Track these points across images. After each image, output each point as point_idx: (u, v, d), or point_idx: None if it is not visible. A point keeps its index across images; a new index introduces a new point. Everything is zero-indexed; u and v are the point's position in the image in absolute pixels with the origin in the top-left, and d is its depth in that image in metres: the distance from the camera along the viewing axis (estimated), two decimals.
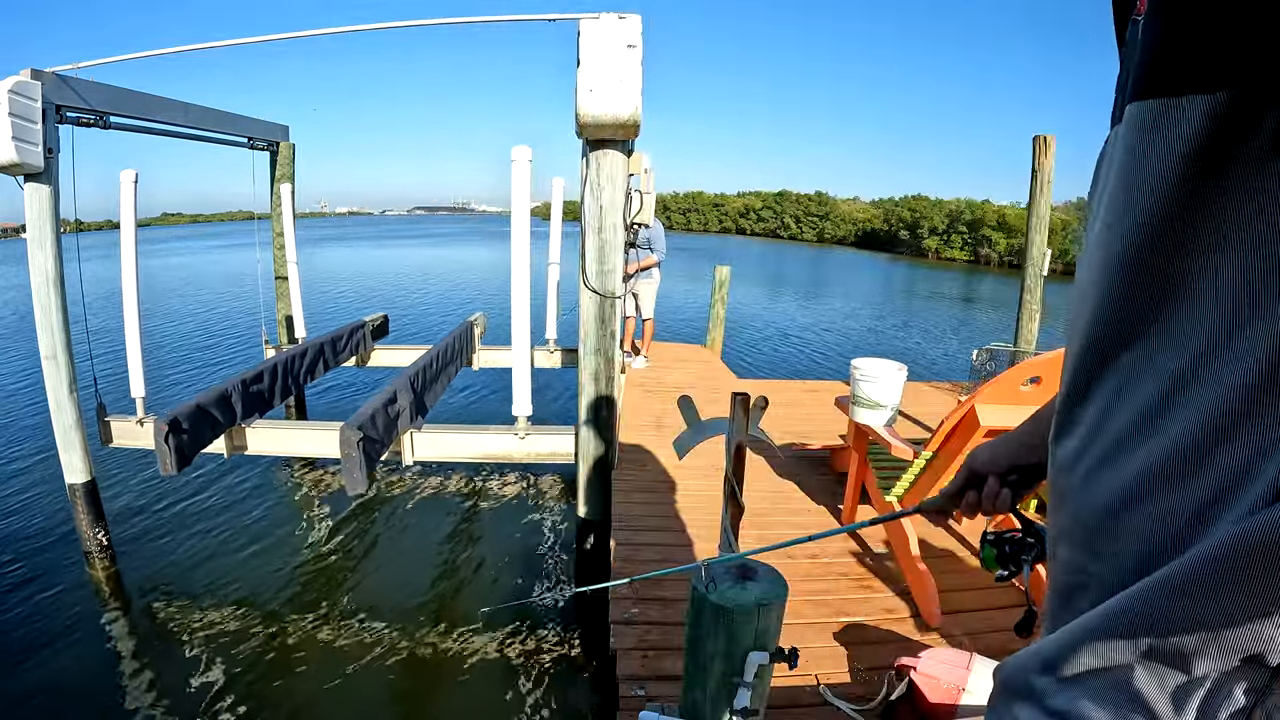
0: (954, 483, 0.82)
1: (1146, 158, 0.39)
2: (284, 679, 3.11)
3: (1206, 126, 0.35)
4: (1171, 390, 0.40)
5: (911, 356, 10.91)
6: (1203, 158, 0.36)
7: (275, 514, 4.77)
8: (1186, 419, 0.39)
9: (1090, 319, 0.45)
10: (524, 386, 3.71)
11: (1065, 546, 0.51)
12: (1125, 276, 0.42)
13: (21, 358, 9.36)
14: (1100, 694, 0.44)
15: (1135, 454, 0.42)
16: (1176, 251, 0.39)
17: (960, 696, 1.73)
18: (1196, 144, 0.36)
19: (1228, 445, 0.37)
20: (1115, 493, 0.44)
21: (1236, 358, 0.36)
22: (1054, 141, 5.10)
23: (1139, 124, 0.40)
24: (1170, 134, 0.37)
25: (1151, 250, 0.40)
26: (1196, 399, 0.38)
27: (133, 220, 3.86)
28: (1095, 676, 0.44)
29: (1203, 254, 0.37)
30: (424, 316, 13.55)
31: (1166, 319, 0.40)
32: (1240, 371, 0.36)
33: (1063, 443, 0.51)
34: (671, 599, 2.46)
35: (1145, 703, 0.41)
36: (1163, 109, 0.38)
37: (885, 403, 2.67)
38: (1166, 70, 0.38)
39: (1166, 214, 0.38)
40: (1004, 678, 0.54)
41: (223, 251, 33.88)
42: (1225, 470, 0.37)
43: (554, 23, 2.99)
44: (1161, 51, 0.38)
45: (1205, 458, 0.38)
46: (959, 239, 43.28)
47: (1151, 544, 0.41)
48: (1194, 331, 0.38)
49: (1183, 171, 0.37)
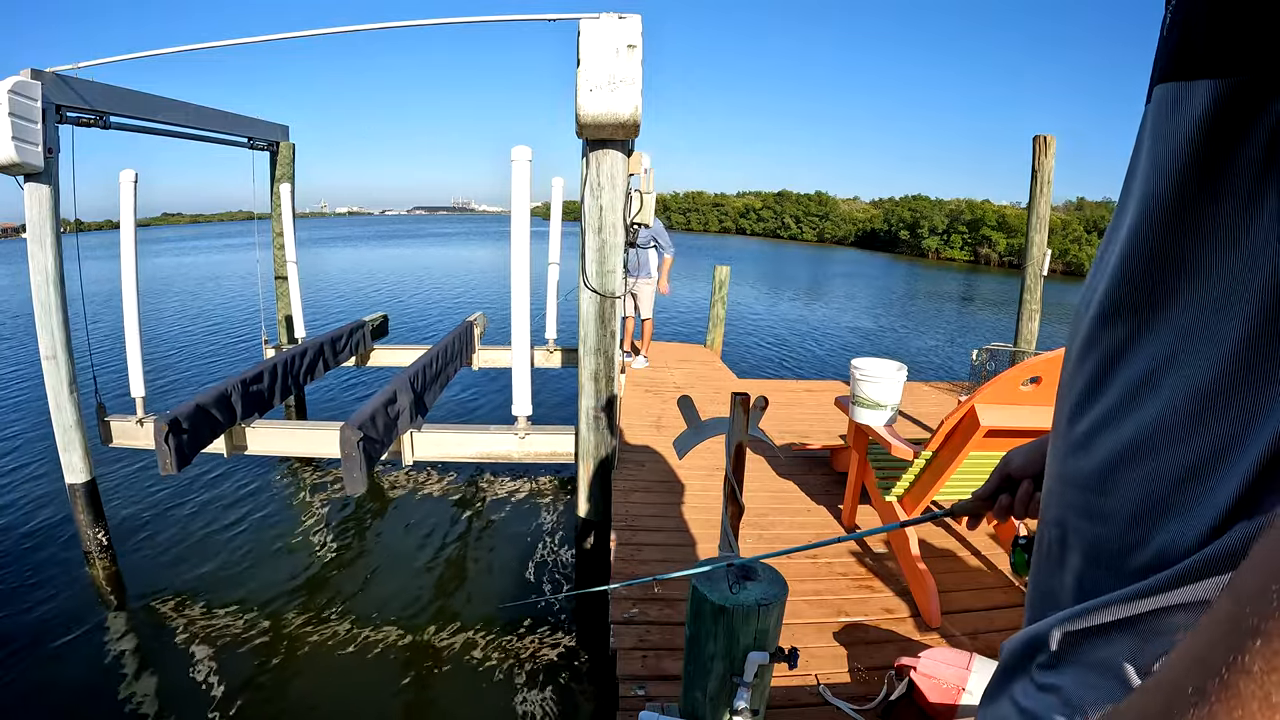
0: (987, 485, 0.82)
1: (1162, 138, 0.41)
2: (283, 678, 3.11)
3: (1212, 110, 0.37)
4: (1164, 360, 0.42)
5: (911, 356, 10.91)
6: (1208, 140, 0.37)
7: (275, 514, 4.77)
8: (1175, 387, 0.41)
9: (1102, 290, 0.48)
10: (524, 386, 3.71)
11: (1056, 506, 0.52)
12: (1134, 250, 0.43)
13: (21, 358, 9.36)
14: (1091, 675, 0.45)
15: (1129, 418, 0.44)
16: (1177, 230, 0.40)
17: (960, 696, 1.73)
18: (1203, 126, 0.37)
19: (1215, 413, 0.38)
20: (1109, 454, 0.45)
21: (1222, 334, 0.38)
22: (1054, 141, 5.11)
23: (1157, 105, 0.42)
24: (1181, 116, 0.39)
25: (1160, 226, 0.41)
26: (1185, 370, 0.40)
27: (133, 220, 3.87)
28: (1087, 658, 0.46)
29: (1199, 234, 0.39)
30: (424, 316, 13.55)
31: (1165, 294, 0.42)
32: (1225, 343, 0.37)
33: (1066, 402, 0.53)
34: (672, 599, 2.46)
35: (1130, 684, 0.42)
36: (1177, 92, 0.39)
37: (885, 403, 2.67)
38: (1181, 55, 0.39)
39: (1173, 193, 0.40)
40: (1003, 657, 0.56)
41: (222, 251, 33.89)
42: (1213, 437, 0.38)
43: (554, 23, 2.98)
44: (1179, 36, 0.40)
45: (1194, 424, 0.39)
46: (959, 239, 43.27)
47: (1142, 505, 0.43)
48: (1187, 306, 0.40)
49: (1189, 152, 0.38)
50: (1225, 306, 0.38)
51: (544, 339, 5.81)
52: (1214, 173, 0.37)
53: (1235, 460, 0.37)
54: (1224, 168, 0.37)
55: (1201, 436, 0.39)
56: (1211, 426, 0.38)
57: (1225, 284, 0.38)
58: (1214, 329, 0.38)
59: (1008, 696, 0.54)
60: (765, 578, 1.33)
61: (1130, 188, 0.47)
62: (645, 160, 3.32)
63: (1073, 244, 34.80)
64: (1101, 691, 0.44)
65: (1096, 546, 0.46)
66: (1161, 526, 0.41)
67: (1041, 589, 0.55)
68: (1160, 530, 0.41)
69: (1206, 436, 0.39)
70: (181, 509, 4.77)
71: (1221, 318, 0.38)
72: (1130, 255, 0.44)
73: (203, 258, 30.88)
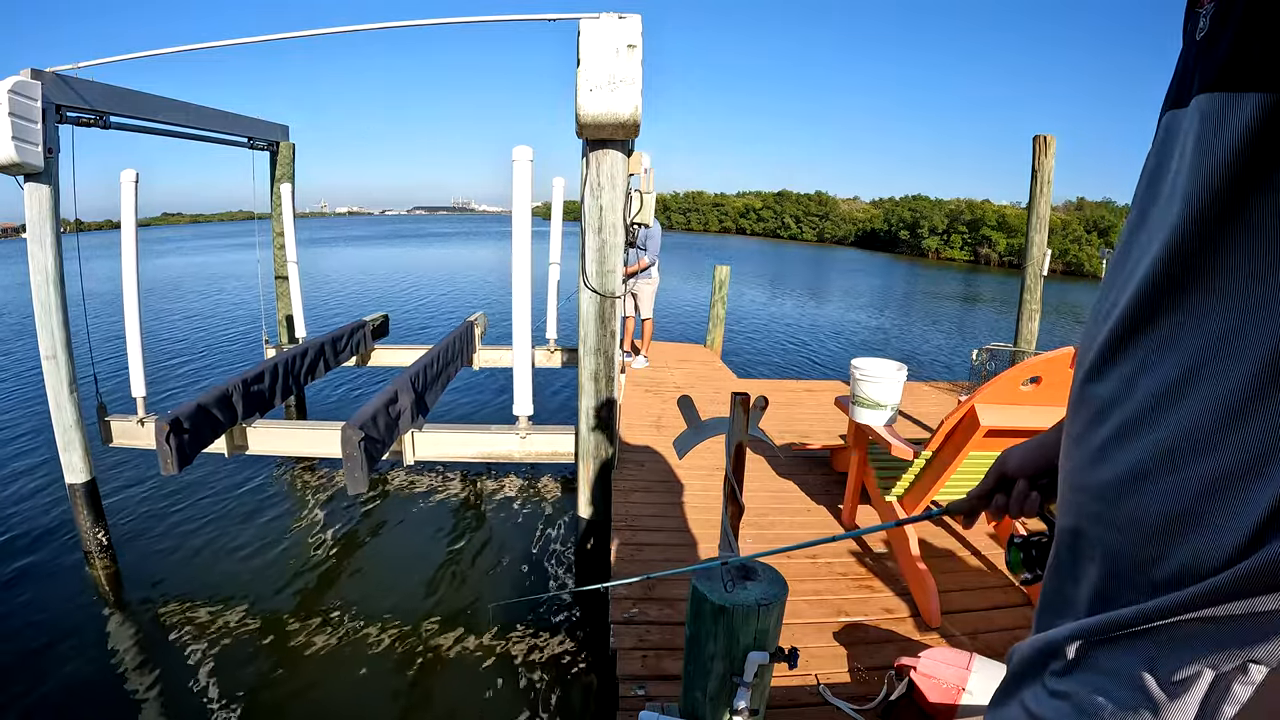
0: (983, 484, 0.82)
1: (1206, 148, 0.40)
2: (284, 678, 3.11)
3: (1261, 122, 0.37)
4: (1193, 369, 0.41)
5: (911, 356, 10.91)
6: (1255, 152, 0.37)
7: (275, 514, 4.77)
8: (1205, 396, 0.40)
9: (1128, 298, 0.47)
10: (525, 386, 3.71)
11: (1072, 514, 0.52)
12: (1168, 259, 0.43)
13: (22, 358, 9.37)
14: (1105, 681, 0.44)
15: (1155, 427, 0.43)
16: (1216, 239, 0.40)
17: (960, 696, 1.73)
18: (1251, 138, 0.37)
19: (1246, 423, 0.38)
20: (1131, 464, 0.44)
21: (1255, 342, 0.37)
22: (1054, 141, 5.11)
23: (1201, 114, 0.41)
24: (1229, 127, 0.39)
25: (1199, 235, 0.41)
26: (1215, 379, 0.39)
27: (133, 220, 3.87)
28: (1102, 665, 0.45)
29: (1238, 243, 0.39)
30: (424, 316, 13.55)
31: (1197, 303, 0.41)
32: (1259, 352, 0.37)
33: (1084, 410, 0.52)
34: (672, 599, 2.46)
35: (1147, 692, 0.42)
36: (1224, 102, 0.39)
37: (885, 403, 2.67)
38: (1231, 66, 0.39)
39: (1216, 203, 0.40)
40: (1013, 662, 0.56)
41: (223, 251, 33.89)
42: (1244, 447, 0.38)
43: (554, 23, 2.98)
44: (1229, 47, 0.40)
45: (1224, 434, 0.39)
46: (959, 239, 43.25)
47: (1165, 517, 0.42)
48: (1219, 314, 0.40)
49: (1235, 163, 0.38)
50: (1259, 315, 0.37)
51: (544, 339, 5.81)
52: (1258, 184, 0.37)
53: (1270, 472, 0.36)
54: (1268, 179, 0.37)
55: (1232, 447, 0.38)
56: (1243, 436, 0.38)
57: (1260, 293, 0.37)
58: (1247, 338, 0.38)
59: (1017, 701, 0.53)
60: (765, 578, 1.33)
61: (1153, 195, 0.46)
62: (645, 160, 3.32)
63: (1073, 244, 34.77)
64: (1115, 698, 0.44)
65: (1115, 557, 0.46)
66: (1186, 539, 0.40)
67: (1054, 595, 0.54)
68: (1184, 543, 0.40)
69: (1237, 447, 0.38)
70: (182, 509, 4.76)
71: (1255, 326, 0.38)
72: (1162, 263, 0.43)
73: (203, 257, 30.88)
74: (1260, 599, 0.36)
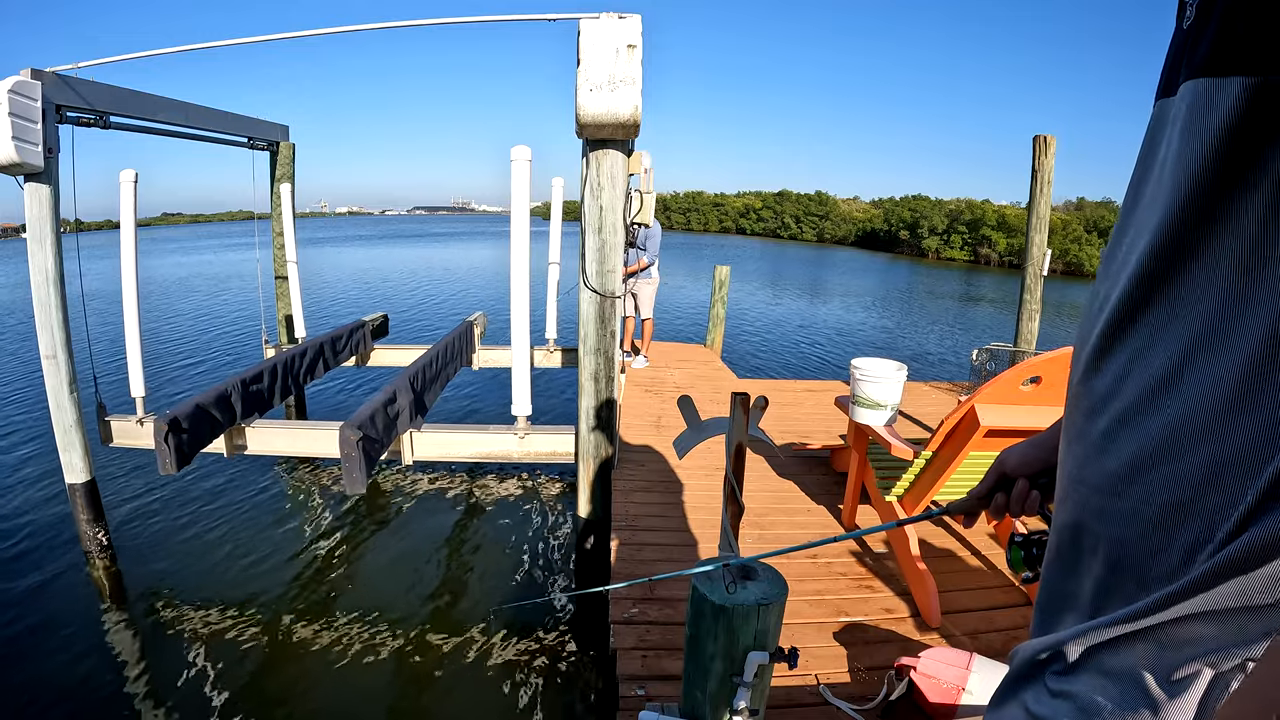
0: (983, 484, 0.81)
1: (1193, 134, 0.41)
2: (283, 677, 3.11)
3: (1245, 106, 0.37)
4: (1186, 356, 0.41)
5: (911, 356, 10.91)
6: (1239, 136, 0.37)
7: (275, 514, 4.77)
8: (1199, 383, 0.40)
9: (1120, 287, 0.47)
10: (524, 386, 3.71)
11: (1071, 509, 0.51)
12: (1157, 247, 0.43)
13: (22, 357, 9.36)
14: (1106, 681, 0.44)
15: (1152, 416, 0.43)
16: (1204, 225, 0.40)
17: (960, 696, 1.73)
18: (1235, 122, 0.37)
19: (1241, 410, 0.38)
20: (1132, 455, 0.44)
21: (1246, 328, 0.38)
22: (1054, 142, 5.11)
23: (1189, 101, 0.42)
24: (1213, 112, 0.39)
25: (1187, 221, 0.41)
26: (1209, 366, 0.40)
27: (133, 220, 3.86)
28: (1103, 665, 0.45)
29: (1226, 229, 0.39)
30: (424, 316, 13.54)
31: (1187, 290, 0.41)
32: (1250, 338, 0.37)
33: (1081, 403, 0.52)
34: (672, 599, 2.46)
35: (1147, 691, 0.41)
36: (1210, 88, 0.40)
37: (885, 403, 2.67)
38: (1216, 51, 0.39)
39: (1202, 188, 0.40)
40: (1015, 663, 0.56)
41: (223, 251, 33.88)
42: (1241, 435, 0.38)
43: (554, 23, 2.98)
44: (1214, 34, 0.40)
45: (1220, 422, 0.39)
46: (959, 239, 43.27)
47: (1166, 508, 0.42)
48: (1210, 301, 0.40)
49: (1220, 149, 0.38)
50: (1249, 301, 0.37)
51: (544, 339, 5.81)
52: (1244, 169, 0.37)
53: (1262, 461, 0.36)
54: (1255, 164, 0.37)
55: (1227, 435, 0.38)
56: (1236, 425, 0.38)
57: (1249, 279, 0.37)
58: (1238, 324, 0.38)
59: (1018, 702, 0.53)
60: (765, 578, 1.33)
61: (1143, 186, 0.46)
62: (645, 160, 3.32)
63: (1073, 244, 34.79)
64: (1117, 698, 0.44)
65: (1118, 551, 0.45)
66: (1186, 530, 0.40)
67: (1055, 592, 0.54)
68: (1184, 533, 0.40)
69: (1232, 435, 0.38)
70: (181, 509, 4.76)
71: (1246, 312, 0.38)
72: (1152, 252, 0.43)
73: (203, 257, 30.87)
74: (1254, 591, 0.36)
